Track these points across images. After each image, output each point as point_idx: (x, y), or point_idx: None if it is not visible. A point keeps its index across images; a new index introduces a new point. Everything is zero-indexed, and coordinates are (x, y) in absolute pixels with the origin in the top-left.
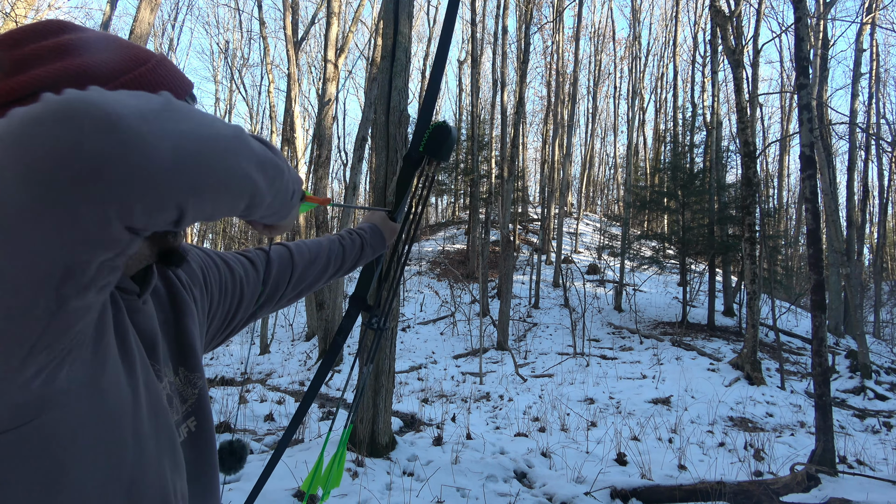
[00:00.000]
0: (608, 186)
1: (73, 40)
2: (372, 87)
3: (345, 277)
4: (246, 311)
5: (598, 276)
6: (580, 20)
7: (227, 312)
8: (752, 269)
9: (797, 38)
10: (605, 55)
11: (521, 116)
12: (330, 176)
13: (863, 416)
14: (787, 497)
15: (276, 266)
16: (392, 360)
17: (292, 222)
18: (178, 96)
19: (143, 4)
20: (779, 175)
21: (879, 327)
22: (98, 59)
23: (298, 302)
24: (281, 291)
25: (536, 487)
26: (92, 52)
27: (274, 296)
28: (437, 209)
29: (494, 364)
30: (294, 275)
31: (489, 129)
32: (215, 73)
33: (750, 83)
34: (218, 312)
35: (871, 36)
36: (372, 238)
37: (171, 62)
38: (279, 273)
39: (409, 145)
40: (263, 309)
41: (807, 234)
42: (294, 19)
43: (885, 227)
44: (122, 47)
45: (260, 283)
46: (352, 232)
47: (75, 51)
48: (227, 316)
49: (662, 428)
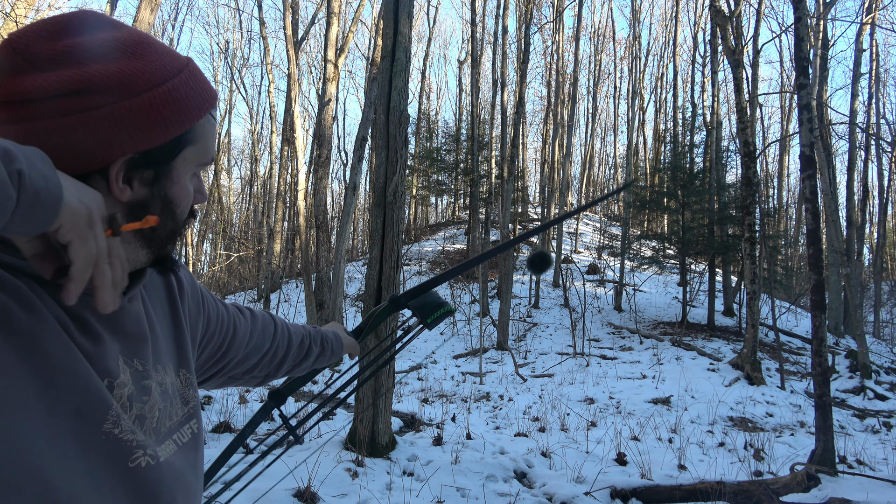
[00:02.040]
0: (608, 186)
1: (122, 40)
2: (372, 87)
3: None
4: (237, 351)
5: (598, 276)
6: (580, 20)
7: (219, 343)
8: (752, 269)
9: (797, 38)
10: (605, 55)
11: (521, 116)
12: (330, 176)
13: (863, 416)
14: (787, 497)
15: (260, 323)
16: (392, 360)
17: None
18: (203, 110)
19: (144, 4)
20: (779, 175)
21: (879, 327)
22: (143, 67)
23: (298, 302)
24: (257, 357)
25: (536, 487)
26: (139, 56)
27: (250, 357)
28: (437, 209)
29: (494, 364)
30: (272, 346)
31: (489, 129)
32: (215, 73)
33: (750, 83)
34: (213, 339)
35: (870, 36)
36: (335, 346)
37: (199, 71)
38: (263, 331)
39: (404, 294)
40: (246, 363)
41: (807, 234)
42: (294, 19)
43: (885, 227)
44: (162, 52)
45: (248, 328)
46: (318, 332)
47: (127, 53)
48: (219, 347)
49: (662, 428)
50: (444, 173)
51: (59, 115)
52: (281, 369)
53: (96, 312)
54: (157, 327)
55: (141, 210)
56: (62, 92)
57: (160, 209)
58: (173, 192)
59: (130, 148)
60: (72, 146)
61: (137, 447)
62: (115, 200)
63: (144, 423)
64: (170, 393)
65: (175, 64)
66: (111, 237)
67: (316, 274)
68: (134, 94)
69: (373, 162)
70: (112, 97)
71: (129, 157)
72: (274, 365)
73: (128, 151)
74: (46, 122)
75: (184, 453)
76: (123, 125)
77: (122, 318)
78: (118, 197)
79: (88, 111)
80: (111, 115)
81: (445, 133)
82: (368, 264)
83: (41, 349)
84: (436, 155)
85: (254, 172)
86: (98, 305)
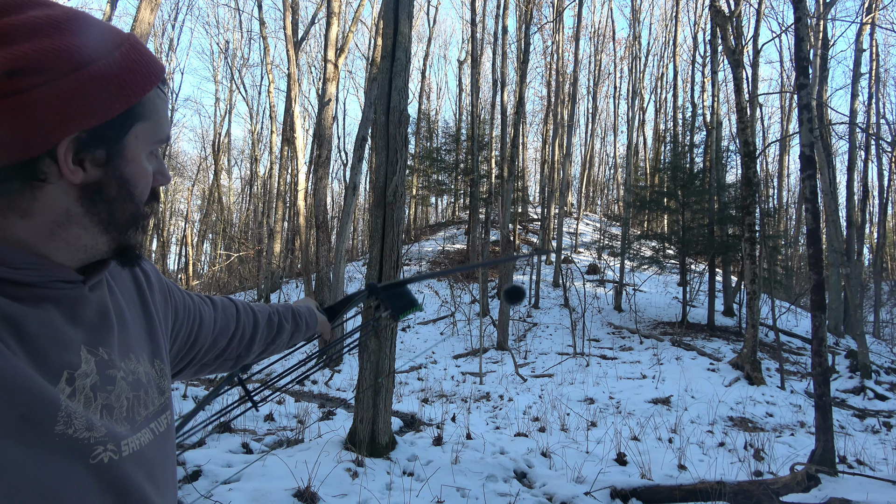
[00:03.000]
0: (608, 186)
1: (53, 16)
2: (372, 87)
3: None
4: (206, 338)
5: (598, 276)
6: (580, 20)
7: (188, 332)
8: (752, 269)
9: (797, 38)
10: (605, 55)
11: (521, 116)
12: (330, 176)
13: (863, 416)
14: (787, 497)
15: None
16: (392, 360)
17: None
18: (149, 83)
19: (144, 4)
20: (779, 175)
21: (879, 327)
22: (79, 42)
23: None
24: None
25: (536, 487)
26: (74, 32)
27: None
28: (437, 209)
29: (494, 364)
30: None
31: (489, 129)
32: (215, 73)
33: (750, 83)
34: (183, 329)
35: (870, 36)
36: (310, 319)
37: (142, 45)
38: (224, 313)
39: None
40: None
41: (807, 234)
42: (294, 19)
43: (885, 227)
44: (98, 27)
45: (212, 314)
46: (289, 308)
47: (60, 29)
48: (188, 336)
49: (662, 428)
50: (444, 173)
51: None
52: (252, 349)
53: (61, 305)
54: (126, 317)
55: (96, 193)
56: (13, 69)
57: (116, 191)
58: (129, 172)
59: (75, 127)
60: (14, 129)
61: (96, 443)
62: (69, 183)
63: (114, 413)
64: (144, 382)
65: (114, 39)
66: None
67: (316, 274)
68: (72, 70)
69: (373, 162)
70: (49, 76)
71: (74, 137)
72: (244, 345)
73: (73, 130)
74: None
75: (160, 443)
76: (64, 103)
77: (84, 308)
78: (70, 179)
79: (26, 91)
80: (50, 94)
81: (445, 133)
82: (368, 264)
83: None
84: (436, 155)
85: (254, 172)
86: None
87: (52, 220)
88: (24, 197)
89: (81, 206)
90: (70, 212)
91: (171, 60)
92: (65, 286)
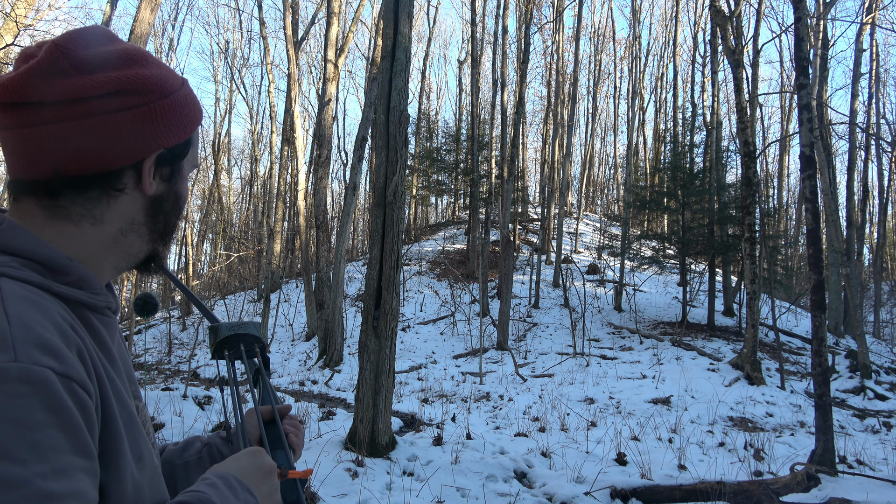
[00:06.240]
0: (608, 186)
1: (144, 52)
2: (372, 87)
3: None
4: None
5: (598, 276)
6: (580, 20)
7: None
8: (752, 269)
9: (797, 38)
10: (605, 55)
11: (521, 116)
12: (330, 176)
13: (863, 416)
14: (787, 497)
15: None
16: (392, 360)
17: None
18: (201, 115)
19: (144, 4)
20: (779, 175)
21: (879, 327)
22: (167, 74)
23: (298, 302)
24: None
25: (536, 487)
26: (161, 66)
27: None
28: (437, 209)
29: (494, 364)
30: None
31: (489, 129)
32: (215, 73)
33: (750, 83)
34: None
35: (871, 36)
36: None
37: (190, 89)
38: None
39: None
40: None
41: (807, 234)
42: (294, 19)
43: (885, 227)
44: (167, 66)
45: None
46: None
47: (150, 62)
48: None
49: (662, 428)
50: (444, 173)
51: (105, 113)
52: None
53: (108, 331)
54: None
55: (158, 205)
56: (108, 91)
57: (172, 204)
58: (182, 189)
59: (162, 143)
60: (116, 141)
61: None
62: (141, 194)
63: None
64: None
65: (179, 76)
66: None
67: (316, 274)
68: (166, 95)
69: (373, 162)
70: (150, 97)
71: (159, 153)
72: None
73: (160, 146)
74: (94, 119)
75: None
76: (159, 122)
77: (115, 335)
78: (146, 190)
79: (132, 109)
80: (150, 113)
81: (445, 133)
82: (368, 264)
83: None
84: (436, 155)
85: (254, 172)
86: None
87: (119, 227)
88: (100, 205)
89: (145, 216)
90: (135, 221)
91: (171, 60)
92: (112, 315)
